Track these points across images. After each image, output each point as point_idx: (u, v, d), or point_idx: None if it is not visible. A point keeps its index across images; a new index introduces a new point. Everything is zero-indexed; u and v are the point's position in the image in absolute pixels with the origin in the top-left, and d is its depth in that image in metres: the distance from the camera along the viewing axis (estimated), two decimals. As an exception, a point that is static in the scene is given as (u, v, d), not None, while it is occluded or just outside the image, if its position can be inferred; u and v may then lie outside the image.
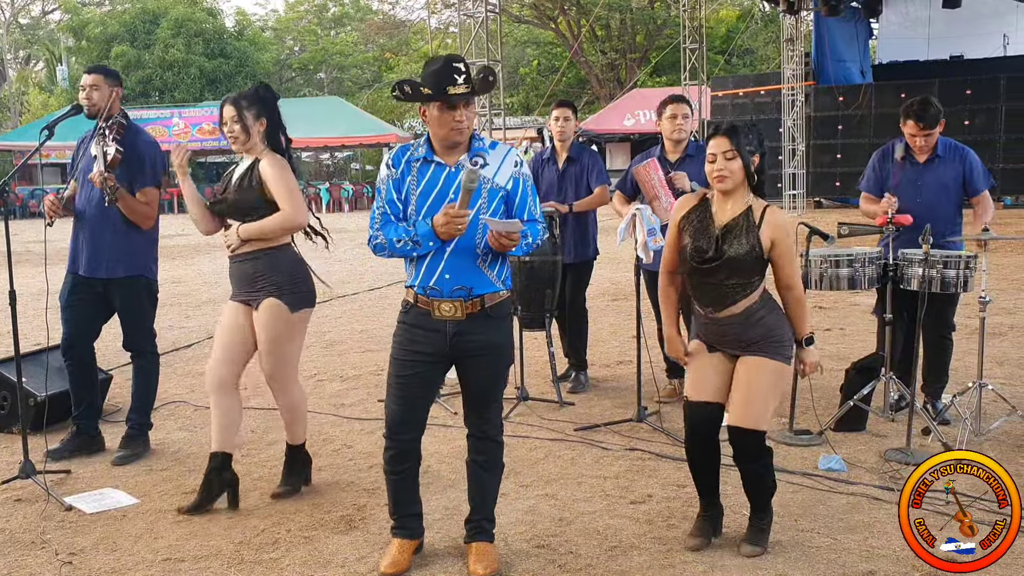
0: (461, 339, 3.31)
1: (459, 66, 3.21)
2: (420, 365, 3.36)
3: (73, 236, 4.86)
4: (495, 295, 3.34)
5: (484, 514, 3.52)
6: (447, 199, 3.25)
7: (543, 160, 6.15)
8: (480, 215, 3.26)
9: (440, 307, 3.29)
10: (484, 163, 3.32)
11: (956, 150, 5.06)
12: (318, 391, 6.22)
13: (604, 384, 6.15)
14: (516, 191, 3.36)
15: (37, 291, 9.01)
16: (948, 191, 5.02)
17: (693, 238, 3.51)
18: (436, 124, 3.26)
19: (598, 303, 9.19)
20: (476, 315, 3.30)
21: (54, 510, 4.13)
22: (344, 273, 12.81)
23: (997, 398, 5.04)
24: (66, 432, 5.00)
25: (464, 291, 3.27)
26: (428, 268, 3.28)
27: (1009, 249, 12.54)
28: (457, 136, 3.27)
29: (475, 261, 3.29)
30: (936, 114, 4.91)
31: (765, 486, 3.59)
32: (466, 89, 3.20)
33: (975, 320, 4.97)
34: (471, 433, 3.49)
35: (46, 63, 46.71)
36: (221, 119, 4.12)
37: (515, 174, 3.36)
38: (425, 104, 3.26)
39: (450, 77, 3.17)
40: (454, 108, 3.22)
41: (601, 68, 37.90)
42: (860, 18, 23.13)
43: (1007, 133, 19.37)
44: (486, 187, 3.28)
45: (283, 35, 49.47)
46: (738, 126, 3.45)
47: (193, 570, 3.53)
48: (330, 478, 4.50)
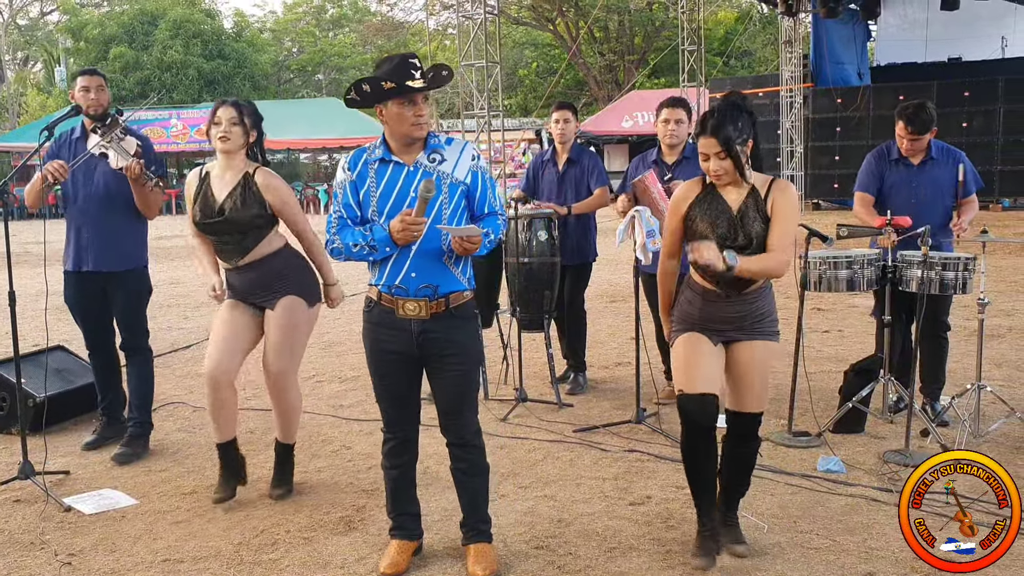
0: (427, 338, 3.30)
1: (415, 62, 3.22)
2: (394, 364, 3.37)
3: (74, 235, 4.89)
4: (460, 295, 3.34)
5: (478, 517, 3.52)
6: (408, 198, 3.25)
7: (543, 162, 6.16)
8: (441, 217, 3.26)
9: (405, 306, 3.29)
10: (442, 159, 3.32)
11: (949, 153, 5.11)
12: (317, 392, 6.22)
13: (603, 386, 6.15)
14: (476, 185, 3.36)
15: (36, 292, 9.01)
16: (942, 193, 5.06)
17: (712, 225, 3.41)
18: (396, 121, 3.24)
19: (597, 304, 9.20)
20: (441, 315, 3.29)
21: (53, 511, 4.13)
22: (343, 274, 12.77)
23: (995, 400, 5.05)
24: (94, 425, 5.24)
25: (430, 289, 3.27)
26: (394, 267, 3.28)
27: (1008, 251, 12.55)
28: (418, 132, 3.26)
29: (441, 259, 3.29)
30: (928, 121, 4.94)
31: (751, 473, 3.61)
32: (424, 83, 3.20)
33: (974, 322, 4.98)
34: (450, 441, 3.46)
35: (44, 64, 46.68)
36: (214, 118, 4.08)
37: (473, 168, 3.36)
38: (382, 103, 3.24)
39: (408, 73, 3.18)
40: (414, 103, 3.21)
41: (599, 70, 37.93)
42: (858, 20, 23.15)
43: (1005, 135, 19.39)
44: (446, 182, 3.28)
45: (281, 36, 49.51)
46: (725, 119, 3.32)
47: (192, 571, 3.53)
48: (329, 479, 4.50)
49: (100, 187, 4.79)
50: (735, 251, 3.32)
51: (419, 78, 3.20)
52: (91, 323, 5.01)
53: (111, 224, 4.82)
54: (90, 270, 4.85)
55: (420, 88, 3.20)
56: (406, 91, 3.18)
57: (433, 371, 3.38)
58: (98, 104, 4.79)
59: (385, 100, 3.22)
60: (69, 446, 5.10)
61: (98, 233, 4.82)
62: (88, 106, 4.77)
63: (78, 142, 4.87)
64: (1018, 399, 5.40)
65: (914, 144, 5.00)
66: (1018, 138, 19.23)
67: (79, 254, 4.87)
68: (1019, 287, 9.90)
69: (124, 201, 4.80)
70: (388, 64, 3.23)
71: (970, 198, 5.11)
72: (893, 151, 5.15)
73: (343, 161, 3.41)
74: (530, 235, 5.63)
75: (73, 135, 4.92)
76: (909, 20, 23.03)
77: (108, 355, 5.11)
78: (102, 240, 4.82)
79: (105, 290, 4.91)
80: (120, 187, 4.75)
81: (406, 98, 3.20)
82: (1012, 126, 19.25)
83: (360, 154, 3.38)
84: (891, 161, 5.14)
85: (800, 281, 4.95)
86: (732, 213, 3.40)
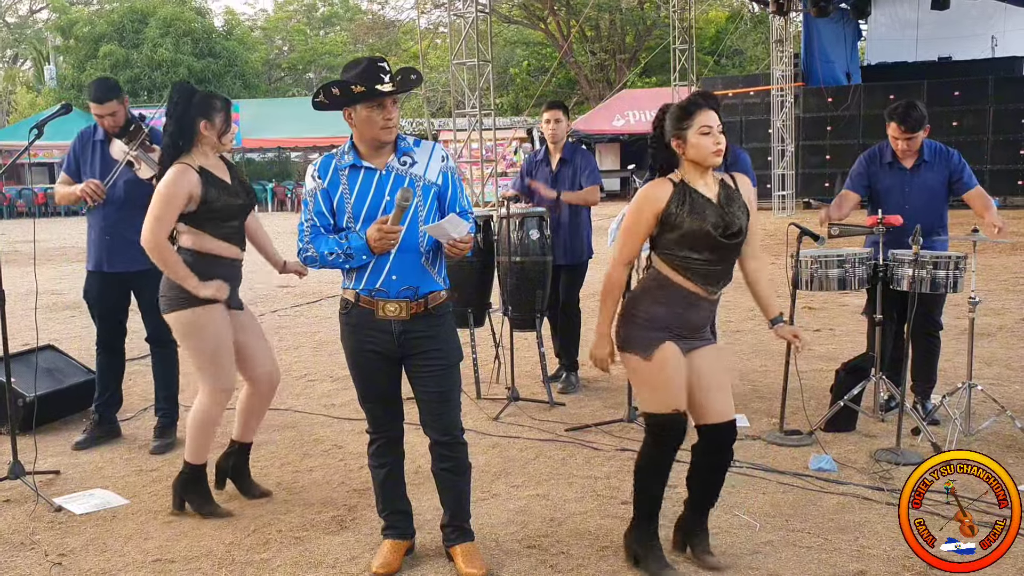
0: (407, 337, 3.30)
1: (383, 65, 3.21)
2: (376, 364, 3.37)
3: (97, 236, 5.00)
4: (438, 295, 3.34)
5: (463, 518, 3.50)
6: (383, 203, 3.24)
7: (536, 161, 6.16)
8: (417, 220, 3.25)
9: (385, 307, 3.28)
10: (413, 161, 3.31)
11: (941, 153, 5.08)
12: (308, 391, 6.21)
13: (595, 385, 6.15)
14: (447, 185, 3.36)
15: (25, 291, 8.97)
16: (935, 195, 5.04)
17: (700, 219, 3.21)
18: (365, 125, 3.22)
19: (589, 304, 9.15)
20: (420, 315, 3.29)
21: (43, 511, 4.11)
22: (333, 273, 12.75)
23: (986, 398, 5.07)
24: (85, 424, 5.23)
25: (411, 291, 3.27)
26: (374, 271, 3.27)
27: (997, 250, 12.59)
28: (387, 135, 3.25)
29: (420, 260, 3.28)
30: (920, 118, 4.91)
31: (725, 476, 3.49)
32: (393, 87, 3.19)
33: (964, 321, 4.99)
34: (435, 440, 3.42)
35: (34, 62, 46.45)
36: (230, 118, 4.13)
37: (443, 169, 3.35)
38: (350, 106, 3.22)
39: (377, 76, 3.16)
40: (383, 107, 3.20)
41: (591, 69, 37.92)
42: (849, 19, 23.22)
43: (995, 134, 19.44)
44: (419, 184, 3.28)
45: (272, 35, 49.34)
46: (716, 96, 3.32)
47: (184, 571, 3.52)
48: (321, 478, 4.49)
49: (122, 192, 4.87)
50: (726, 240, 3.23)
51: (388, 82, 3.18)
52: (107, 321, 5.12)
53: (134, 227, 4.79)
54: (113, 271, 4.96)
55: (389, 92, 3.18)
56: (375, 95, 3.16)
57: (415, 370, 3.37)
58: (116, 126, 4.86)
59: (354, 104, 3.20)
60: (59, 446, 5.08)
61: (121, 237, 4.87)
62: (108, 130, 4.89)
63: (101, 144, 4.95)
64: (1008, 397, 5.42)
65: (909, 144, 4.96)
66: (1007, 137, 19.30)
67: (100, 255, 5.01)
68: (1009, 286, 9.94)
69: (145, 205, 4.80)
70: (356, 67, 3.21)
71: (975, 191, 5.02)
72: (886, 154, 5.12)
73: (312, 169, 3.37)
74: (522, 234, 5.63)
75: (96, 135, 4.99)
76: (900, 20, 23.13)
77: (117, 354, 5.20)
78: (125, 243, 4.83)
79: (128, 290, 5.05)
80: (141, 192, 4.76)
81: (375, 102, 3.18)
82: (1001, 126, 19.32)
83: (329, 160, 3.34)
84: (883, 164, 5.12)
85: (792, 280, 4.96)
86: (715, 203, 3.27)
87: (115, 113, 4.86)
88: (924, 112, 4.95)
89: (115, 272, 4.98)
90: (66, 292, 11.14)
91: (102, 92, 4.87)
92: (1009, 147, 19.31)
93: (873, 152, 5.19)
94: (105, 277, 5.02)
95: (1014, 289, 9.71)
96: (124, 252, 4.87)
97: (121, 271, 4.95)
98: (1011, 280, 10.35)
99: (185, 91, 4.00)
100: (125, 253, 4.86)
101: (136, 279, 4.93)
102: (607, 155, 30.36)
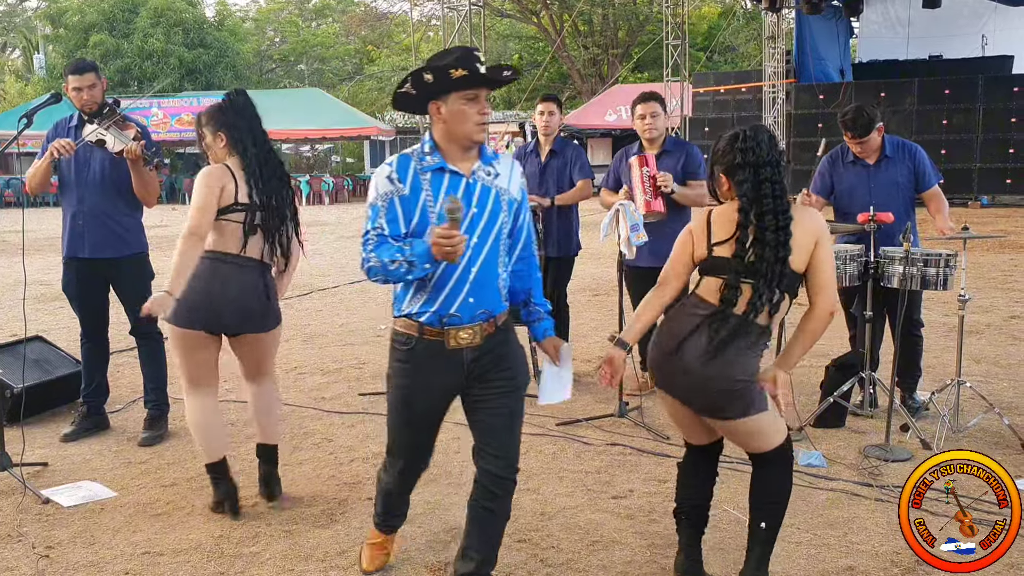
0: (478, 364, 2.94)
1: (479, 55, 2.84)
2: (438, 401, 3.01)
3: (71, 223, 4.89)
4: (504, 313, 3.02)
5: (491, 566, 3.04)
6: (469, 213, 2.85)
7: (526, 153, 6.16)
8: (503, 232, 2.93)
9: (458, 335, 2.89)
10: (497, 173, 2.95)
11: (904, 148, 5.16)
12: (298, 384, 6.20)
13: (585, 379, 6.14)
14: (523, 207, 3.05)
15: (14, 281, 8.93)
16: (900, 190, 5.10)
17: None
18: (457, 120, 2.81)
19: (580, 298, 9.20)
20: (491, 335, 2.96)
21: (31, 503, 4.09)
22: (324, 266, 12.76)
23: (975, 395, 5.09)
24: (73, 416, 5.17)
25: (486, 315, 2.92)
26: (450, 294, 2.86)
27: (986, 248, 12.66)
28: (480, 134, 2.86)
29: (497, 281, 2.94)
30: (867, 123, 4.99)
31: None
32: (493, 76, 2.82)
33: (953, 318, 5.02)
34: (488, 470, 2.97)
35: (23, 51, 46.20)
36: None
37: (522, 185, 3.05)
38: (440, 99, 2.82)
39: (476, 63, 2.76)
40: (477, 100, 2.82)
41: (583, 63, 37.92)
42: (841, 17, 23.27)
43: (984, 133, 19.54)
44: (504, 199, 2.93)
45: (264, 26, 49.19)
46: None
47: (172, 564, 3.50)
48: (311, 472, 4.48)
49: (96, 174, 4.79)
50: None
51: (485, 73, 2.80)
52: (88, 310, 5.04)
53: (107, 211, 4.83)
54: (88, 257, 4.87)
55: (492, 77, 2.80)
56: (476, 80, 2.77)
57: (479, 393, 2.98)
58: (92, 102, 4.73)
59: (447, 93, 2.80)
60: (47, 437, 5.05)
61: (95, 220, 4.82)
62: (83, 106, 4.73)
63: (76, 129, 4.83)
64: (996, 395, 5.45)
65: (864, 147, 5.08)
66: (997, 136, 19.40)
67: (75, 241, 4.88)
68: (997, 283, 9.98)
69: (121, 188, 4.81)
70: (449, 55, 2.80)
71: (932, 191, 5.12)
72: (848, 153, 5.22)
73: (387, 171, 2.87)
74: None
75: (71, 122, 4.90)
76: (891, 18, 23.21)
77: (101, 344, 5.14)
78: (99, 227, 4.81)
79: (105, 278, 4.95)
80: (117, 174, 4.75)
81: (471, 92, 2.79)
82: (991, 124, 19.41)
83: (407, 162, 2.88)
84: (846, 163, 5.22)
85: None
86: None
87: (93, 86, 4.71)
88: (871, 115, 5.02)
89: (91, 259, 4.87)
90: (55, 283, 11.01)
91: (82, 63, 4.81)
92: (998, 146, 19.42)
93: (836, 153, 5.30)
94: (81, 264, 4.89)
95: (1003, 287, 9.76)
96: (99, 238, 4.82)
97: (96, 257, 4.86)
98: (1000, 278, 10.40)
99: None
100: (100, 239, 4.83)
101: (112, 268, 4.88)
102: (598, 150, 30.39)
